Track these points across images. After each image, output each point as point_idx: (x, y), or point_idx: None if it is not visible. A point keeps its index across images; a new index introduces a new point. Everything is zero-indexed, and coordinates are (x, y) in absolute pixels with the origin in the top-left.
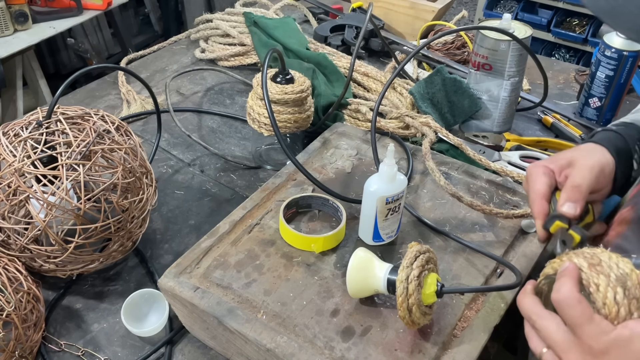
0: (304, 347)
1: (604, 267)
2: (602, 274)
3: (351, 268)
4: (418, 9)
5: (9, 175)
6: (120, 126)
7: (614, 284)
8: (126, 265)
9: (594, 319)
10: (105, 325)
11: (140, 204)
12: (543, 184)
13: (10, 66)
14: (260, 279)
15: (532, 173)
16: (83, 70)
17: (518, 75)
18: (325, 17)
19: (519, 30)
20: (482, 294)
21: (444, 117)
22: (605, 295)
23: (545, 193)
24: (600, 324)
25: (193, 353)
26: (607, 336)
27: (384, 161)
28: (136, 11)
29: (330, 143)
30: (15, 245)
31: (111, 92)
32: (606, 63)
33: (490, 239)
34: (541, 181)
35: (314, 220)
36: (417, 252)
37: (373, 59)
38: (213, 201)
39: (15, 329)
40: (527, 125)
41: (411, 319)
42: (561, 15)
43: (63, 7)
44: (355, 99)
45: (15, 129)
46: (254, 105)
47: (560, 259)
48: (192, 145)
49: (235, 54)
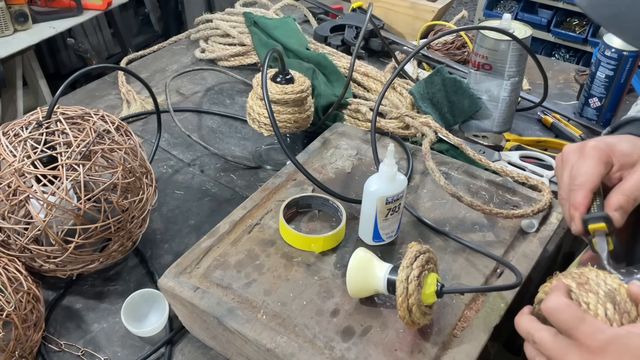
0: (304, 347)
1: (592, 285)
2: (591, 292)
3: (351, 268)
4: (418, 9)
5: (9, 175)
6: (120, 126)
7: (604, 300)
8: (126, 265)
9: (586, 319)
10: (105, 325)
11: (140, 204)
12: (598, 174)
13: (10, 66)
14: (260, 279)
15: (589, 154)
16: (83, 70)
17: (518, 75)
18: (325, 17)
19: (519, 30)
20: (482, 294)
21: (444, 117)
22: (596, 312)
23: (596, 184)
24: (594, 322)
25: (193, 353)
26: (603, 334)
27: (384, 161)
28: (136, 11)
29: (330, 143)
30: (15, 245)
31: (111, 92)
32: (606, 63)
33: (490, 239)
34: (597, 170)
35: (314, 220)
36: (417, 252)
37: (373, 59)
38: (213, 201)
39: (15, 329)
40: (527, 125)
41: (411, 319)
42: (561, 15)
43: (63, 7)
44: (355, 99)
45: (15, 129)
46: (254, 105)
47: (550, 282)
48: (192, 145)
49: (235, 54)
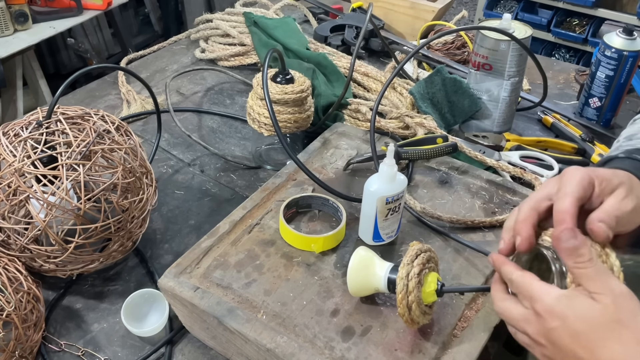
0: (304, 347)
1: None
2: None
3: (352, 266)
4: (418, 9)
5: (9, 175)
6: (120, 126)
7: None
8: (126, 265)
9: (532, 284)
10: (105, 325)
11: (140, 204)
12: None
13: (10, 66)
14: (260, 279)
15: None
16: (83, 70)
17: (518, 75)
18: (325, 17)
19: (519, 30)
20: (482, 294)
21: (444, 117)
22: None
23: (581, 196)
24: (542, 286)
25: (193, 353)
26: (549, 296)
27: (384, 161)
28: (136, 11)
29: (330, 143)
30: (15, 245)
31: (111, 92)
32: (606, 63)
33: (490, 239)
34: (582, 185)
35: (314, 220)
36: (418, 250)
37: (373, 59)
38: (213, 201)
39: (15, 329)
40: (527, 125)
41: (410, 317)
42: (561, 15)
43: (63, 7)
44: (355, 99)
45: (15, 129)
46: (254, 105)
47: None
48: (192, 145)
49: (235, 54)
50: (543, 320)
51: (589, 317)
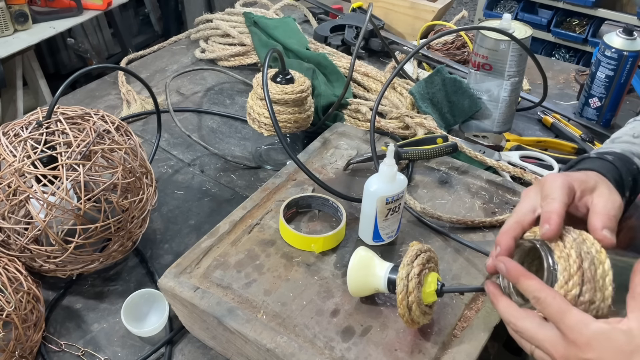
0: (304, 347)
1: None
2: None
3: (352, 267)
4: (418, 9)
5: (9, 175)
6: (120, 126)
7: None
8: (126, 265)
9: (571, 311)
10: (105, 325)
11: (140, 204)
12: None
13: (10, 66)
14: (260, 279)
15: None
16: (83, 70)
17: (518, 75)
18: (325, 17)
19: (519, 30)
20: (482, 294)
21: (444, 117)
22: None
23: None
24: (579, 315)
25: (193, 353)
26: (587, 328)
27: (384, 161)
28: (136, 11)
29: (330, 143)
30: (15, 245)
31: (111, 92)
32: (606, 63)
33: (490, 239)
34: (565, 191)
35: (314, 220)
36: (418, 250)
37: (373, 59)
38: (213, 201)
39: (15, 329)
40: (527, 125)
41: (410, 317)
42: (561, 15)
43: (63, 7)
44: (355, 99)
45: (15, 129)
46: (254, 105)
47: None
48: (192, 145)
49: (235, 54)
50: (577, 349)
51: (627, 352)
